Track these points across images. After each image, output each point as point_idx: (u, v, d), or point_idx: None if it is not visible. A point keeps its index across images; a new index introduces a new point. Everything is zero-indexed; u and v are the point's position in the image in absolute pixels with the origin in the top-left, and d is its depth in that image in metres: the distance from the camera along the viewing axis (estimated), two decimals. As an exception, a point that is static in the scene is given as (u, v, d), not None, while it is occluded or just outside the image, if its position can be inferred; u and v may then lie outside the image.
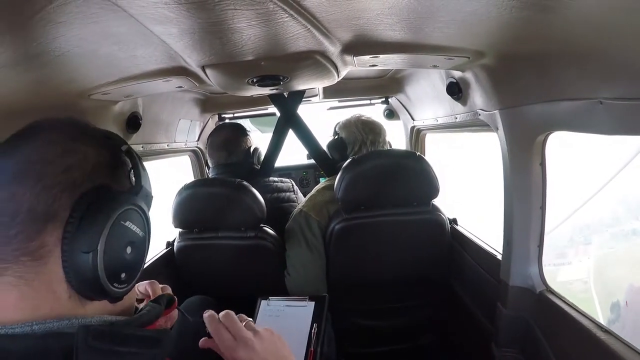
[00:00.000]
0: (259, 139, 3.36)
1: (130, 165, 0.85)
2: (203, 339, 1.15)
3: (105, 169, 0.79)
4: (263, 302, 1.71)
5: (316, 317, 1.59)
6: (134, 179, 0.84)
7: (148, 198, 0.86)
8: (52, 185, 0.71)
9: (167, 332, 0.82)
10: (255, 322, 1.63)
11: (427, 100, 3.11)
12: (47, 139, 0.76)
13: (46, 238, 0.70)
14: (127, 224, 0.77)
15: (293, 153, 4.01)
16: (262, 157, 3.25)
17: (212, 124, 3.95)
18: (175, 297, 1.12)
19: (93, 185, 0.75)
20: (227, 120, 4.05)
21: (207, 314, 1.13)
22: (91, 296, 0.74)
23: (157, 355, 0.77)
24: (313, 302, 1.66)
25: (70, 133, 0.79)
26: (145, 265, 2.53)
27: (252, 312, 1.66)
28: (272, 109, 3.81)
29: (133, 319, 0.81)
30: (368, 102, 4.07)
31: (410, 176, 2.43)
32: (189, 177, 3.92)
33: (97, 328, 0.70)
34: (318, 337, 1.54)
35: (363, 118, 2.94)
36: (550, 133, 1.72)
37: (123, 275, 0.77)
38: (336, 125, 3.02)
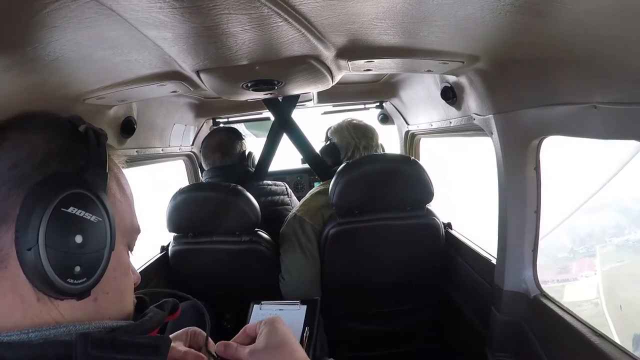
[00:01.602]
0: (253, 144, 3.36)
1: (84, 145, 0.76)
2: None
3: (57, 157, 0.71)
4: (255, 307, 1.71)
5: (308, 321, 1.59)
6: (83, 159, 0.74)
7: (100, 177, 0.76)
8: (0, 184, 0.67)
9: (166, 338, 0.77)
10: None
11: (422, 104, 3.12)
12: None
13: (1, 241, 0.66)
14: (72, 210, 0.68)
15: (287, 157, 4.01)
16: (256, 161, 3.25)
17: (206, 129, 3.95)
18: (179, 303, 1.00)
19: (43, 176, 0.68)
20: (221, 125, 4.05)
21: (220, 347, 1.05)
22: (54, 295, 0.68)
23: None
24: (305, 306, 1.65)
25: (20, 126, 0.74)
26: (140, 269, 2.51)
27: (246, 316, 1.66)
28: (267, 113, 3.81)
29: (135, 325, 0.78)
30: (362, 106, 4.07)
31: (404, 181, 2.43)
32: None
33: (95, 336, 0.67)
34: (310, 341, 1.54)
35: (354, 122, 2.94)
36: (544, 137, 1.72)
37: (77, 268, 0.68)
38: (328, 130, 3.02)
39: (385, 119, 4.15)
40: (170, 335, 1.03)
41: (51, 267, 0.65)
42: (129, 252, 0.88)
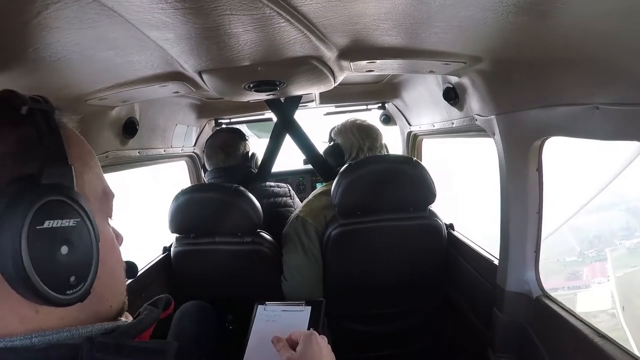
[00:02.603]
0: (256, 145, 3.36)
1: (36, 134, 0.68)
2: None
3: (9, 156, 0.65)
4: (260, 307, 1.70)
5: (313, 322, 1.59)
6: (40, 153, 0.67)
7: (64, 169, 0.70)
8: None
9: (172, 343, 0.76)
10: (252, 327, 1.63)
11: (424, 105, 3.12)
12: None
13: None
14: (48, 224, 0.63)
15: (290, 158, 4.01)
16: (259, 162, 3.25)
17: (208, 130, 3.94)
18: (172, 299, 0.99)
19: (3, 185, 0.63)
20: (223, 126, 4.05)
21: (275, 338, 1.28)
22: (55, 306, 0.66)
23: None
24: (309, 307, 1.65)
25: None
26: (142, 271, 2.52)
27: (248, 317, 1.66)
28: (269, 114, 3.81)
29: (133, 324, 0.78)
30: (365, 107, 4.06)
31: (406, 182, 2.43)
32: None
33: (101, 340, 0.67)
34: None
35: (358, 122, 2.92)
36: (546, 138, 1.72)
37: (72, 278, 0.66)
38: (331, 131, 3.01)
39: (388, 119, 4.15)
40: None
41: (47, 288, 0.63)
42: (109, 220, 0.85)
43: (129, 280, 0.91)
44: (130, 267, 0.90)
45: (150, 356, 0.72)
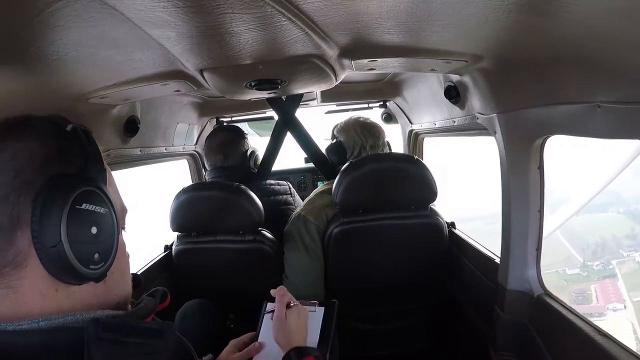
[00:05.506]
0: (257, 143, 3.35)
1: (78, 144, 0.82)
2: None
3: (54, 158, 0.77)
4: (270, 305, 1.70)
5: (326, 323, 1.59)
6: (82, 158, 0.81)
7: (101, 172, 0.84)
8: (7, 194, 0.72)
9: (171, 325, 0.86)
10: (261, 325, 1.63)
11: (425, 104, 3.12)
12: None
13: (19, 244, 0.72)
14: (85, 206, 0.76)
15: (291, 157, 4.01)
16: (259, 161, 3.24)
17: (210, 128, 3.94)
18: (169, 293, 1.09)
19: (46, 177, 0.74)
20: (224, 124, 4.05)
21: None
22: (77, 282, 0.77)
23: (161, 346, 0.82)
24: (323, 308, 1.65)
25: (14, 134, 0.78)
26: (144, 269, 2.52)
27: (251, 315, 1.66)
28: (271, 112, 3.80)
29: (132, 313, 0.86)
30: (366, 105, 4.06)
31: (408, 180, 2.43)
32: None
33: (105, 320, 0.74)
34: (327, 343, 1.54)
35: (361, 120, 2.91)
36: (548, 137, 1.72)
37: (96, 256, 0.78)
38: (334, 128, 3.00)
39: (389, 118, 4.15)
40: None
41: (76, 258, 0.73)
42: (123, 231, 0.95)
43: None
44: (136, 278, 1.00)
45: (149, 335, 0.80)
